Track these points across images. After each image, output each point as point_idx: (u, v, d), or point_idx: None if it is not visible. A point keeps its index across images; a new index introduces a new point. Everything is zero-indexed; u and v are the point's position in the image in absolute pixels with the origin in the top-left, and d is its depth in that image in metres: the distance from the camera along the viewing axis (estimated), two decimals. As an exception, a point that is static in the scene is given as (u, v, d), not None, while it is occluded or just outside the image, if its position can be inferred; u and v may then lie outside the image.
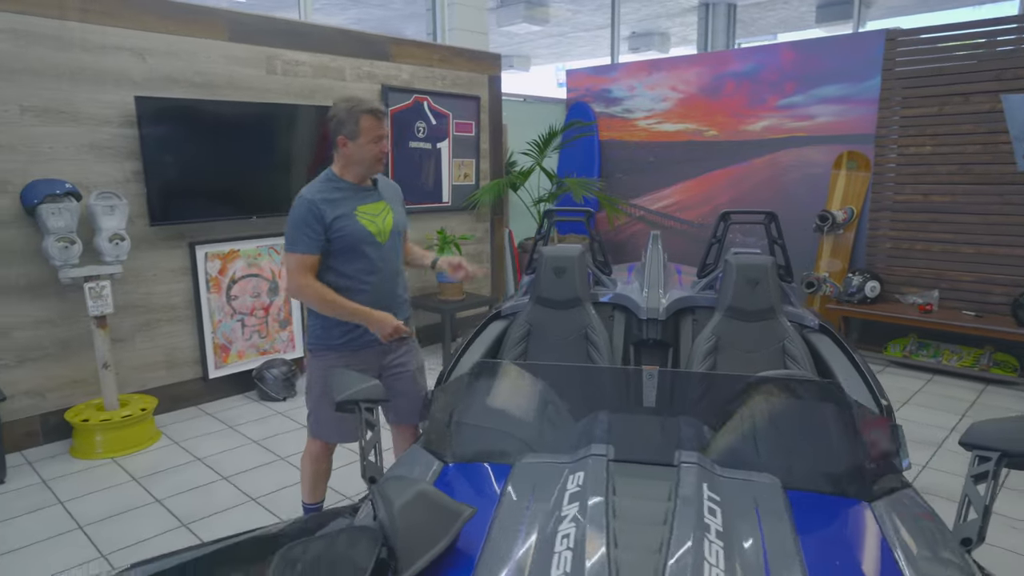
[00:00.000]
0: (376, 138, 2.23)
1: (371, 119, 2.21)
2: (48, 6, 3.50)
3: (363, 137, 2.21)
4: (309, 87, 4.62)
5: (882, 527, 1.36)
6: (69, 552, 2.69)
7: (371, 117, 2.21)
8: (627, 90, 6.73)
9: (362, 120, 2.20)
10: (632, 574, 1.17)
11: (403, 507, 1.30)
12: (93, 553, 2.69)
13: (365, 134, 2.20)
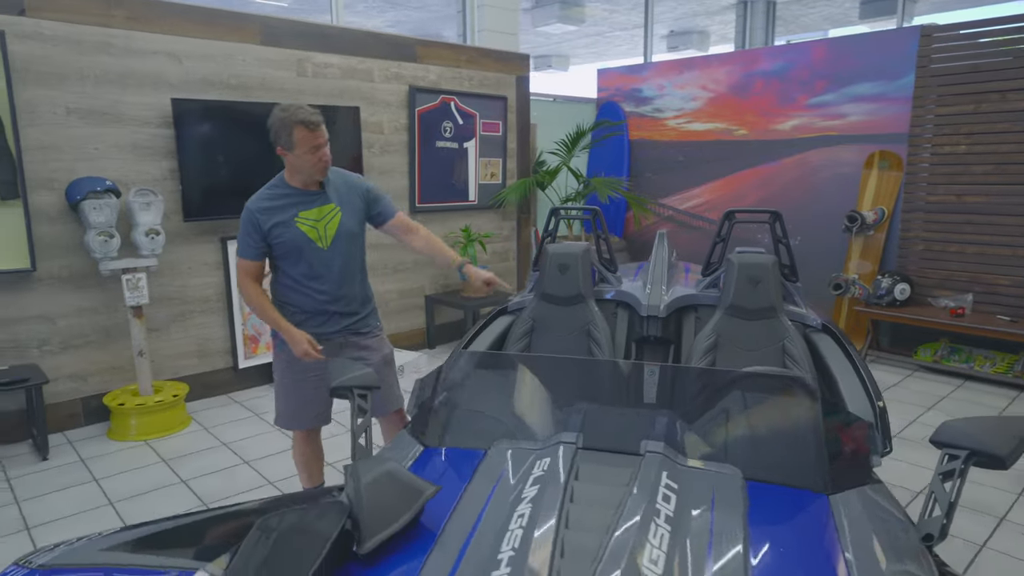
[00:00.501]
0: (311, 148, 2.22)
1: (303, 130, 2.19)
2: (95, 14, 3.73)
3: (298, 148, 2.21)
4: (338, 88, 4.78)
5: (836, 520, 1.39)
6: (99, 526, 2.88)
7: (303, 128, 2.18)
8: (657, 89, 6.72)
9: (295, 132, 2.19)
10: (576, 552, 1.23)
11: (370, 483, 1.39)
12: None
13: (300, 145, 2.21)
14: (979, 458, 1.53)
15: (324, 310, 2.43)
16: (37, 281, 3.68)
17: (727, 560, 1.24)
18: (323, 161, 2.28)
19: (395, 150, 5.18)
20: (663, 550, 1.24)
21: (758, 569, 1.24)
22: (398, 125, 5.16)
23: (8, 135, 3.49)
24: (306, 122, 2.20)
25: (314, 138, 2.22)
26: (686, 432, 1.62)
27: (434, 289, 5.61)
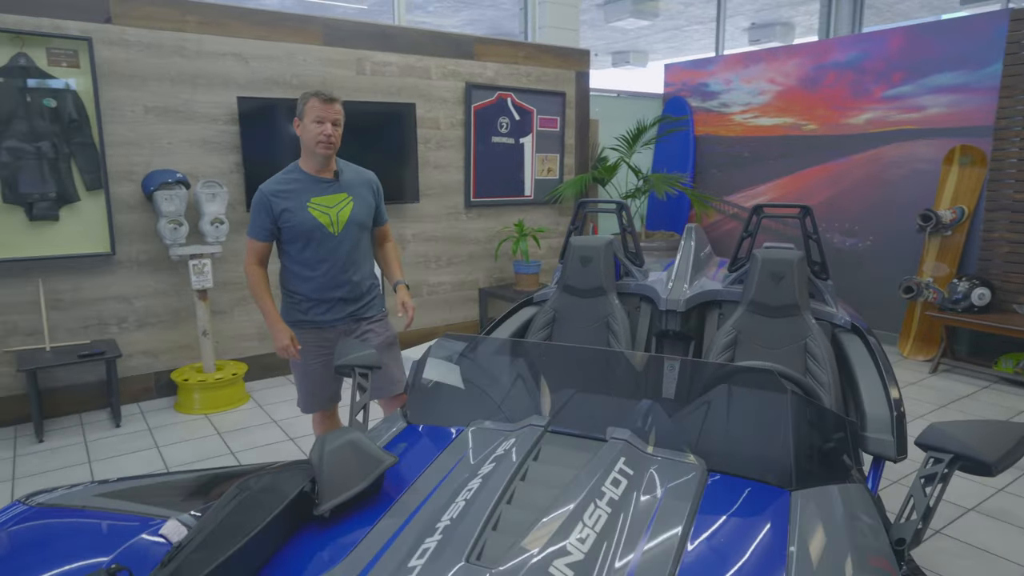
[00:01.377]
0: (317, 118, 2.32)
1: (316, 101, 2.32)
2: (171, 20, 4.05)
3: (307, 117, 2.33)
4: (396, 86, 4.96)
5: (791, 516, 1.35)
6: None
7: (316, 99, 2.32)
8: (724, 84, 6.54)
9: (308, 102, 2.33)
10: (508, 526, 1.27)
11: (332, 451, 1.48)
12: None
13: (308, 114, 2.33)
14: (964, 463, 1.45)
15: (329, 297, 2.49)
16: (117, 264, 4.05)
17: (659, 546, 1.25)
18: (325, 135, 2.33)
19: (451, 145, 5.31)
20: (595, 530, 1.26)
21: (690, 557, 1.23)
22: (454, 121, 5.29)
23: (94, 132, 3.86)
24: (320, 94, 2.33)
25: (322, 108, 2.32)
26: (654, 421, 1.62)
27: (488, 282, 5.71)
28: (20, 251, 3.77)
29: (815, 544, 1.28)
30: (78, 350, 3.82)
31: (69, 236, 3.88)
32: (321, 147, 2.36)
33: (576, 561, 1.18)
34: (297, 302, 2.52)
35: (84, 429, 3.84)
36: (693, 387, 1.64)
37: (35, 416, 3.68)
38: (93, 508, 1.40)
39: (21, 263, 3.78)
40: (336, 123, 2.37)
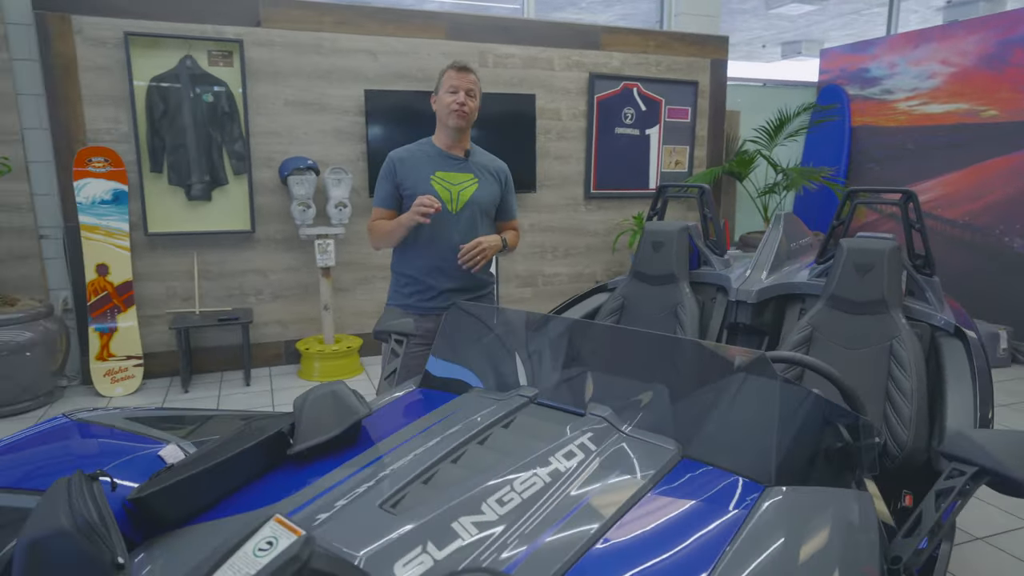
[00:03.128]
0: (451, 88, 2.29)
1: (451, 71, 2.31)
2: (310, 21, 4.46)
3: (442, 89, 2.33)
4: (518, 77, 5.04)
5: (751, 512, 1.21)
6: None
7: (451, 70, 2.31)
8: (887, 68, 5.85)
9: (446, 73, 2.32)
10: (439, 482, 1.27)
11: (313, 399, 1.57)
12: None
13: (443, 85, 2.32)
14: (991, 478, 1.22)
15: (435, 284, 2.40)
16: (256, 241, 4.54)
17: (578, 522, 1.17)
18: (458, 103, 2.28)
19: (572, 136, 5.29)
20: (522, 497, 1.22)
21: (609, 540, 1.14)
22: (576, 112, 5.26)
23: (241, 123, 4.36)
24: (456, 64, 2.32)
25: (457, 77, 2.29)
26: (637, 400, 1.52)
27: (606, 275, 5.61)
28: (180, 226, 4.36)
29: (764, 545, 1.13)
30: (219, 315, 4.35)
31: (219, 215, 4.42)
32: (454, 116, 2.30)
33: (484, 521, 1.15)
34: (403, 284, 2.45)
35: (221, 385, 4.36)
36: (683, 369, 1.51)
37: (183, 370, 4.25)
38: (117, 427, 1.60)
39: (181, 237, 4.38)
40: (471, 93, 2.32)
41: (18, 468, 1.40)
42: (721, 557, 1.09)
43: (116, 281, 4.24)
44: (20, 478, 1.36)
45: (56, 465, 1.44)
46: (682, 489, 1.29)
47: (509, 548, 1.10)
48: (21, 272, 4.21)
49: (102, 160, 4.14)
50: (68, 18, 4.03)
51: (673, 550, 1.13)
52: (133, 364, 4.27)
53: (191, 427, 1.70)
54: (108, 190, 4.17)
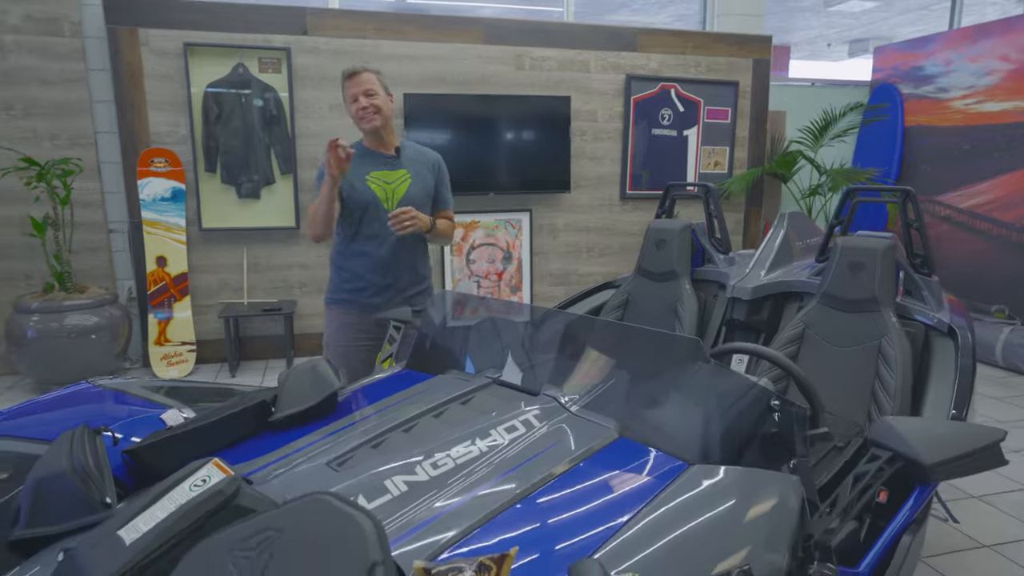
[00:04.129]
0: (351, 97, 2.35)
1: (345, 82, 2.35)
2: (353, 29, 4.70)
3: (346, 101, 2.40)
4: (554, 80, 5.14)
5: (668, 486, 1.28)
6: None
7: (345, 81, 2.34)
8: (942, 65, 5.64)
9: (343, 87, 2.38)
10: (388, 447, 1.40)
11: (295, 373, 1.73)
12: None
13: (346, 98, 2.39)
14: (903, 463, 1.26)
15: (377, 281, 2.50)
16: (300, 237, 4.81)
17: (501, 487, 1.28)
18: (360, 109, 2.35)
19: (608, 137, 5.35)
20: (456, 462, 1.34)
21: (527, 502, 1.25)
22: (612, 113, 5.32)
23: (288, 126, 4.64)
24: (346, 72, 2.35)
25: (352, 84, 2.35)
26: (581, 382, 1.61)
27: (641, 276, 5.63)
28: (232, 222, 4.68)
29: (668, 513, 1.20)
30: (264, 306, 4.64)
31: (266, 212, 4.72)
32: (361, 121, 2.39)
33: (416, 481, 1.28)
34: (346, 279, 2.54)
35: (265, 372, 4.65)
36: (628, 355, 1.59)
37: (230, 356, 4.56)
38: (130, 393, 1.81)
39: (232, 232, 4.69)
40: (368, 93, 2.36)
41: (39, 422, 1.62)
42: (625, 521, 1.18)
43: (173, 272, 4.59)
44: (39, 430, 1.57)
45: (71, 421, 1.65)
46: (610, 463, 1.38)
47: (430, 504, 1.22)
48: (92, 263, 4.61)
49: (163, 161, 4.49)
50: (136, 31, 4.40)
51: (582, 512, 1.22)
52: (187, 349, 4.60)
53: (194, 396, 1.89)
54: (168, 188, 4.52)
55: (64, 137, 4.45)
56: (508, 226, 5.22)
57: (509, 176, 5.03)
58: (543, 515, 1.22)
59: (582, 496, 1.27)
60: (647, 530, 1.16)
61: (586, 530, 1.18)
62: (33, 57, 4.34)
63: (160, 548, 0.94)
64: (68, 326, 4.07)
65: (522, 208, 5.23)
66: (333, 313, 2.62)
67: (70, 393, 1.77)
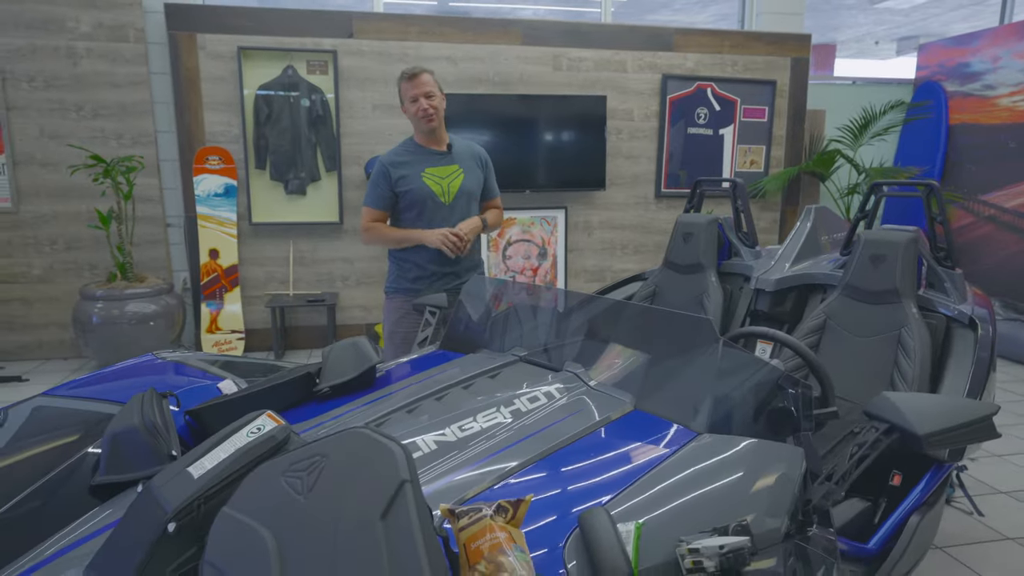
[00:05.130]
0: (411, 99, 2.51)
1: (403, 82, 2.52)
2: (397, 32, 4.89)
3: (404, 102, 2.58)
4: (590, 80, 5.24)
5: (675, 453, 1.38)
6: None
7: (404, 82, 2.52)
8: (989, 61, 5.54)
9: (401, 87, 2.56)
10: (421, 412, 1.54)
11: (337, 348, 1.88)
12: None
13: (404, 97, 2.57)
14: (898, 434, 1.34)
15: (437, 271, 2.66)
16: (343, 232, 5.02)
17: (527, 446, 1.40)
18: (422, 110, 2.52)
19: (643, 136, 5.42)
20: (481, 426, 1.47)
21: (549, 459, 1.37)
22: (648, 112, 5.39)
23: (333, 125, 4.85)
24: (404, 73, 2.54)
25: (411, 87, 2.52)
26: (608, 361, 1.72)
27: (675, 274, 5.68)
28: (279, 217, 4.91)
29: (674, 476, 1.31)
30: (308, 297, 4.86)
31: (312, 207, 4.94)
32: (423, 122, 2.57)
33: (444, 441, 1.41)
34: (406, 270, 2.69)
35: (308, 359, 4.86)
36: (644, 333, 1.70)
37: (276, 345, 4.79)
38: (190, 365, 1.99)
39: (280, 226, 4.93)
40: (428, 95, 2.53)
41: (110, 388, 1.81)
42: (634, 480, 1.29)
43: (225, 264, 4.85)
44: (111, 395, 1.76)
45: (139, 387, 1.83)
46: (624, 432, 1.49)
47: (458, 460, 1.35)
48: (151, 254, 4.90)
49: (217, 158, 4.75)
50: (194, 36, 4.67)
51: (595, 475, 1.34)
52: (236, 338, 4.85)
53: (247, 370, 2.06)
54: (221, 184, 4.78)
55: (128, 136, 4.75)
56: (544, 223, 5.34)
57: (545, 174, 5.16)
58: (559, 473, 1.34)
59: (596, 458, 1.39)
60: (654, 488, 1.27)
61: (597, 486, 1.29)
62: (103, 62, 4.64)
63: (223, 481, 1.09)
64: (128, 313, 4.35)
65: (558, 205, 5.35)
66: (395, 303, 2.76)
67: (136, 364, 1.96)
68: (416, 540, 0.74)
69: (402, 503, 0.78)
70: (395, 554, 0.74)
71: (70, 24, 4.58)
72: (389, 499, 0.78)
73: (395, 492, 0.79)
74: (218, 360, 2.10)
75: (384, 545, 0.75)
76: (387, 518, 0.77)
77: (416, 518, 0.76)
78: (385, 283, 2.82)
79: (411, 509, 0.77)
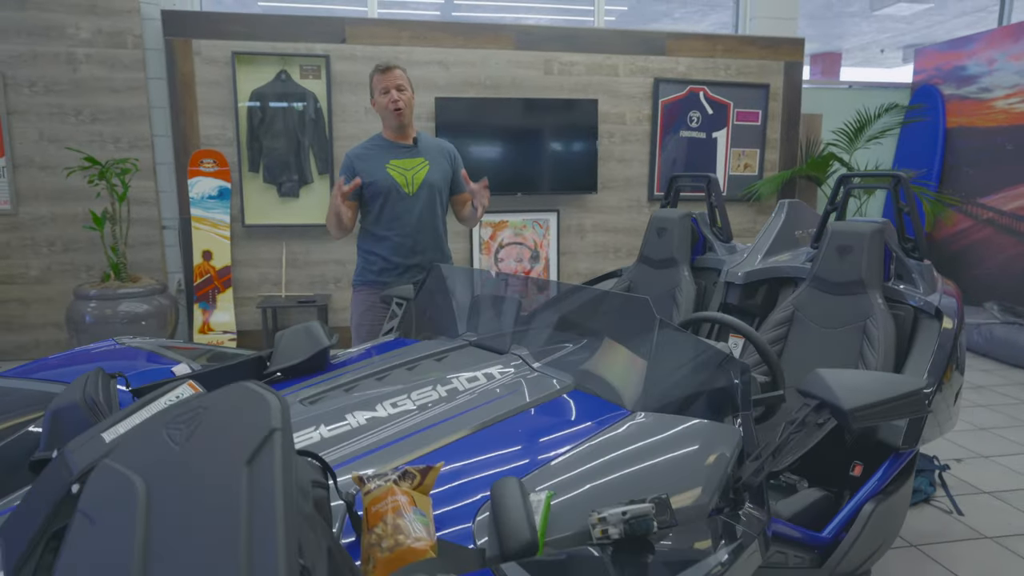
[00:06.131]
0: (382, 90, 2.56)
1: (377, 75, 2.58)
2: (389, 37, 4.95)
3: (375, 93, 2.61)
4: (582, 84, 5.27)
5: (603, 430, 1.37)
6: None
7: (377, 74, 2.58)
8: (985, 64, 5.50)
9: (373, 79, 2.61)
10: (358, 390, 1.55)
11: (289, 332, 1.90)
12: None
13: (375, 89, 2.61)
14: (830, 410, 1.33)
15: (401, 263, 2.70)
16: (336, 234, 5.06)
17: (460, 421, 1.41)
18: (392, 101, 2.57)
19: (636, 139, 5.43)
20: (415, 404, 1.48)
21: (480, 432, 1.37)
22: (640, 116, 5.40)
23: (326, 128, 4.91)
24: (380, 67, 2.60)
25: (383, 79, 2.57)
26: (554, 344, 1.72)
27: (669, 278, 5.66)
28: (272, 219, 4.96)
29: (595, 450, 1.30)
30: (300, 299, 4.89)
31: (304, 210, 4.98)
32: (392, 114, 2.61)
33: (374, 416, 1.42)
34: (371, 262, 2.75)
35: (301, 361, 4.88)
36: (589, 316, 1.70)
37: (267, 346, 4.82)
38: (149, 350, 2.02)
39: (273, 228, 4.98)
40: (400, 88, 2.58)
41: (68, 370, 1.83)
42: (555, 458, 1.28)
43: (218, 266, 4.90)
44: (67, 376, 1.78)
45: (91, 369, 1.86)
46: (556, 411, 1.49)
47: (384, 434, 1.36)
48: (146, 255, 4.97)
49: (211, 161, 4.82)
50: (190, 42, 4.75)
51: (520, 446, 1.34)
52: (228, 339, 4.89)
53: (206, 356, 2.08)
54: (215, 187, 4.84)
55: (125, 140, 4.83)
56: (536, 226, 5.36)
57: (537, 177, 5.17)
58: (483, 447, 1.34)
59: (524, 434, 1.39)
60: (575, 463, 1.26)
61: (520, 459, 1.29)
62: (102, 68, 4.73)
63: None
64: (121, 312, 4.40)
65: (550, 208, 5.36)
66: (361, 295, 2.81)
67: (94, 347, 1.99)
68: (276, 486, 0.75)
69: (269, 450, 0.78)
70: (254, 498, 0.75)
71: (70, 31, 4.68)
72: (257, 446, 0.79)
73: (264, 439, 0.79)
74: (178, 346, 2.12)
75: (246, 489, 0.76)
76: (252, 463, 0.78)
77: (280, 465, 0.77)
78: (352, 277, 2.84)
79: (277, 456, 0.77)
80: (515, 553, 1.01)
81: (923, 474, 2.84)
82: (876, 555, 1.85)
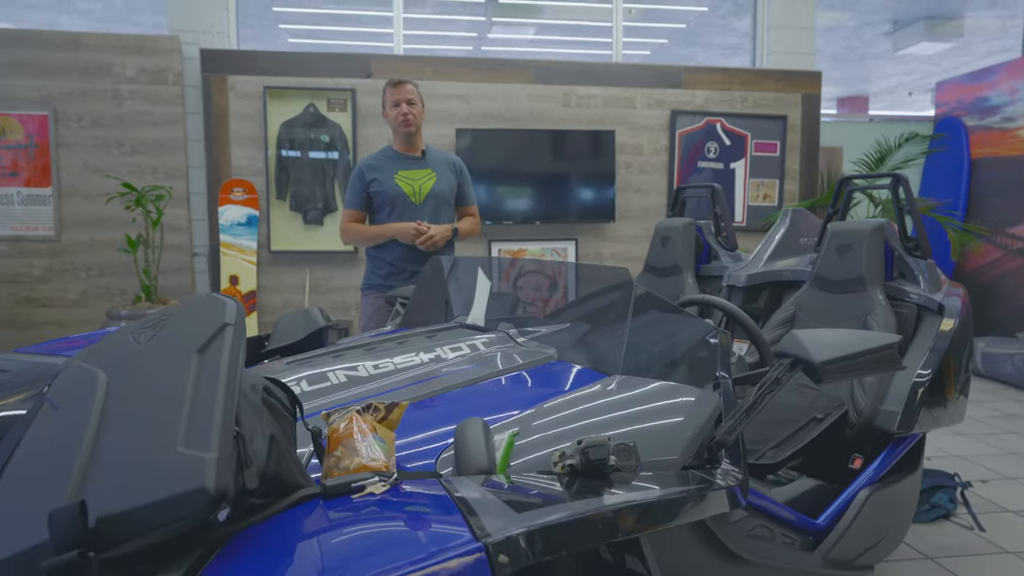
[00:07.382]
0: (393, 103, 2.73)
1: (389, 89, 2.74)
2: (412, 71, 5.14)
3: (387, 106, 2.78)
4: (599, 116, 5.39)
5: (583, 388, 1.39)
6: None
7: (389, 88, 2.75)
8: (1008, 94, 5.47)
9: (385, 92, 2.77)
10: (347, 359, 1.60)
11: (288, 315, 1.97)
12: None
13: (387, 102, 2.78)
14: (803, 367, 1.33)
15: (405, 269, 2.80)
16: (359, 261, 5.17)
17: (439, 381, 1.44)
18: (403, 114, 2.73)
19: (653, 170, 5.50)
20: (396, 365, 1.52)
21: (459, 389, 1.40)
22: (657, 147, 5.49)
23: (350, 159, 5.10)
24: (392, 81, 2.79)
25: (395, 93, 2.74)
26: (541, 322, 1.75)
27: (689, 308, 5.63)
28: (297, 246, 5.12)
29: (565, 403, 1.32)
30: (321, 321, 5.00)
31: (328, 237, 5.13)
32: (402, 126, 2.77)
33: (355, 375, 1.46)
34: (379, 267, 2.87)
35: (320, 384, 4.95)
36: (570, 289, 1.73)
37: (289, 367, 4.91)
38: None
39: (297, 255, 5.14)
40: (410, 102, 2.75)
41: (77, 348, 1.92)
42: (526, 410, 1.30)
43: (244, 290, 5.05)
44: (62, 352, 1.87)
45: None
46: (536, 376, 1.51)
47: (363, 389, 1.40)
48: (177, 281, 5.15)
49: (241, 190, 5.03)
50: (226, 78, 5.03)
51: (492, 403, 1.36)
52: (251, 361, 5.00)
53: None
54: (244, 215, 5.04)
55: (162, 171, 5.08)
56: (554, 254, 5.41)
57: (555, 206, 5.27)
58: (459, 403, 1.37)
59: (499, 393, 1.42)
60: (544, 411, 1.28)
61: (492, 413, 1.31)
62: (144, 103, 5.03)
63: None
64: (149, 332, 4.55)
65: (568, 237, 5.42)
66: (369, 298, 2.93)
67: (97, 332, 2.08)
68: (222, 366, 0.79)
69: (220, 341, 0.84)
70: (201, 378, 0.79)
71: (116, 69, 5.00)
72: (209, 337, 0.84)
73: (216, 331, 0.85)
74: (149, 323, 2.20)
75: (193, 373, 0.80)
76: (204, 352, 0.83)
77: (229, 351, 0.82)
78: (361, 282, 2.92)
79: (226, 347, 0.82)
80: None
81: (944, 490, 2.74)
82: (878, 548, 1.79)
